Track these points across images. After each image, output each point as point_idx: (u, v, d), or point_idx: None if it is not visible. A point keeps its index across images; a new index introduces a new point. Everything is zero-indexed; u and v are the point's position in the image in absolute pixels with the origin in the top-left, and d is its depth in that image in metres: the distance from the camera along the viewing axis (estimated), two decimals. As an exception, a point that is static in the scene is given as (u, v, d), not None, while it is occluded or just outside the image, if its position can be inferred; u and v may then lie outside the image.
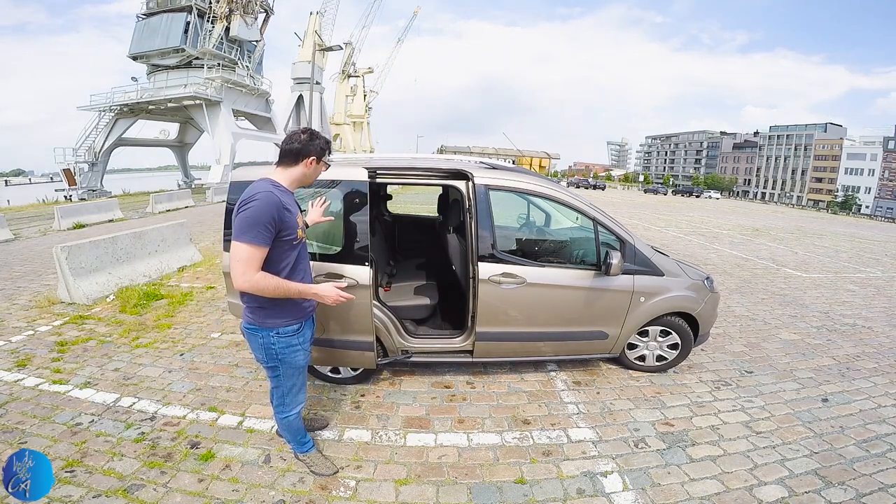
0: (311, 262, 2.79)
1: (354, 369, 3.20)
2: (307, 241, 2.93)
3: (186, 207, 16.51)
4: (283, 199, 1.90)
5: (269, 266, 1.89)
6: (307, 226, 2.33)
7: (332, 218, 2.55)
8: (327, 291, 1.97)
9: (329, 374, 3.24)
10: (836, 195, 72.35)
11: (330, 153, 2.09)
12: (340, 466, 2.41)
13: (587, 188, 50.35)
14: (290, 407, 2.19)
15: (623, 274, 3.11)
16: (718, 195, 63.34)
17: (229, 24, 29.10)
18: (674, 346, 3.51)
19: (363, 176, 2.76)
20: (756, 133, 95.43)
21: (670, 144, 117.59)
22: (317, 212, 2.42)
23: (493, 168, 3.29)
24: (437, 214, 4.84)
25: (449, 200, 4.14)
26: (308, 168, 1.99)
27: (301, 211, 2.12)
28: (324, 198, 2.48)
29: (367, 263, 2.75)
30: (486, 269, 2.93)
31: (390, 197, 5.55)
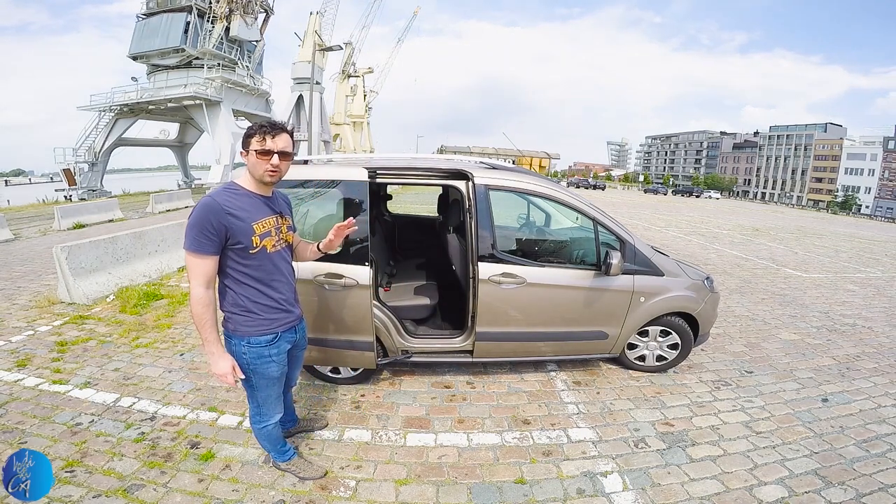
0: (312, 262, 2.81)
1: (354, 369, 3.20)
2: (306, 241, 2.94)
3: (186, 207, 16.50)
4: (229, 202, 1.74)
5: (224, 277, 1.81)
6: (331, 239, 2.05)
7: (338, 250, 2.44)
8: (221, 369, 1.82)
9: (329, 374, 3.24)
10: (836, 195, 72.34)
11: (270, 133, 1.76)
12: (340, 466, 2.41)
13: (587, 188, 50.35)
14: (267, 417, 2.09)
15: (623, 274, 3.11)
16: (718, 195, 63.35)
17: (229, 24, 29.08)
18: (674, 346, 3.50)
19: (363, 176, 2.76)
20: (756, 133, 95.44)
21: (670, 144, 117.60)
22: (325, 242, 2.16)
23: (493, 168, 3.29)
24: (437, 214, 4.84)
25: (449, 200, 4.14)
26: (248, 160, 1.80)
27: (280, 214, 1.92)
28: (352, 220, 2.15)
29: (367, 263, 2.75)
30: (485, 269, 2.93)
31: (390, 197, 5.55)
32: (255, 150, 1.76)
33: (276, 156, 1.77)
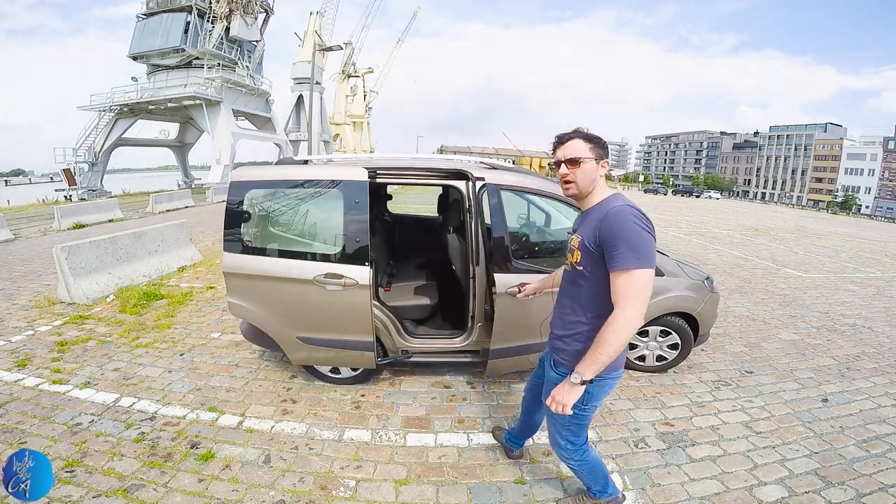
0: (312, 262, 2.81)
1: (354, 369, 3.20)
2: (307, 241, 2.95)
3: (186, 207, 16.51)
4: None
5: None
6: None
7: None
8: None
9: (329, 374, 3.24)
10: (836, 195, 72.33)
11: (558, 143, 1.78)
12: (340, 466, 2.41)
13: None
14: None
15: None
16: (718, 195, 63.29)
17: (229, 24, 29.11)
18: (674, 346, 3.50)
19: (363, 176, 2.76)
20: (756, 133, 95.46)
21: (670, 144, 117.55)
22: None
23: (493, 168, 3.29)
24: (437, 214, 4.84)
25: (449, 200, 4.14)
26: None
27: (574, 231, 1.77)
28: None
29: (367, 263, 2.75)
30: (502, 281, 2.71)
31: (390, 197, 5.55)
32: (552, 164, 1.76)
33: (562, 165, 1.69)
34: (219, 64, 28.58)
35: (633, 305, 1.50)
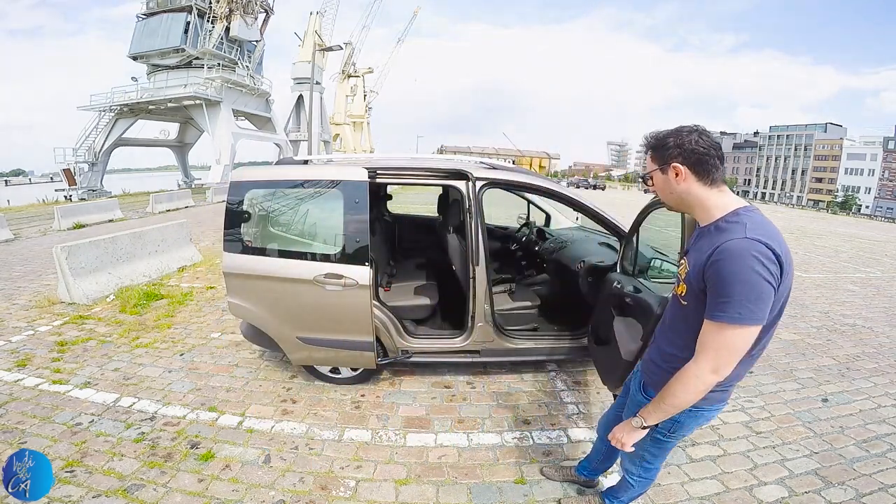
0: (311, 262, 2.81)
1: (354, 369, 3.20)
2: (307, 241, 2.95)
3: (186, 207, 16.51)
4: None
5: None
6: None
7: None
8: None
9: (329, 374, 3.24)
10: (836, 195, 72.30)
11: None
12: (340, 466, 2.41)
13: (587, 188, 50.29)
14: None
15: None
16: (718, 195, 63.14)
17: (229, 24, 29.12)
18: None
19: (363, 176, 2.76)
20: (756, 133, 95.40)
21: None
22: None
23: (493, 168, 3.29)
24: (437, 214, 4.84)
25: (449, 200, 4.14)
26: None
27: (686, 253, 1.43)
28: None
29: (367, 263, 2.75)
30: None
31: (390, 197, 5.56)
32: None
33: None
34: (219, 64, 28.58)
35: (714, 361, 1.25)
